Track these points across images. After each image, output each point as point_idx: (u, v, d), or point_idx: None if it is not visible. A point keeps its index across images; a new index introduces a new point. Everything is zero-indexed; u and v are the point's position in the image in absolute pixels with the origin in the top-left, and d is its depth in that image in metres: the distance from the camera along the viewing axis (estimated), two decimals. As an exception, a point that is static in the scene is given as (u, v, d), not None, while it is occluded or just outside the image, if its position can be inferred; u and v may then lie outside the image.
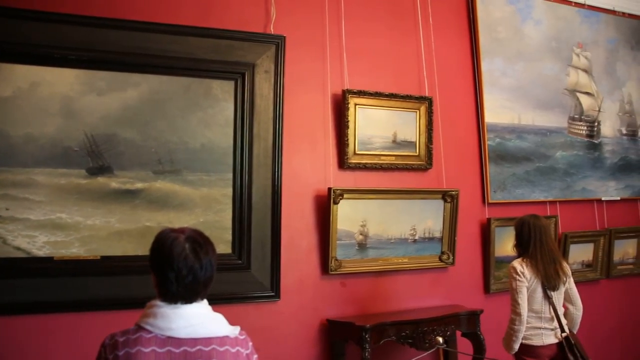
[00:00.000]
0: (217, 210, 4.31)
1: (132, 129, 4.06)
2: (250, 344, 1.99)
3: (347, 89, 4.78)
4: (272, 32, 4.56)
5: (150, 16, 4.16)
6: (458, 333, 4.92)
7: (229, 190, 4.34)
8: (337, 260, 4.67)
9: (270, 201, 4.44)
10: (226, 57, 4.34)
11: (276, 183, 4.45)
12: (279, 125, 4.47)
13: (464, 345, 4.95)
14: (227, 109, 4.36)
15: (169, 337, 1.82)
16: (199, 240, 1.96)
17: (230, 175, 4.35)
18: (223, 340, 1.89)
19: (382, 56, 5.17)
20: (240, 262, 4.35)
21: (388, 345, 4.62)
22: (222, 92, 4.36)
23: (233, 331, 1.95)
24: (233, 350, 1.89)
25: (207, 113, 4.29)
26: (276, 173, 4.45)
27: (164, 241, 1.92)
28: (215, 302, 4.09)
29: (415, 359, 4.56)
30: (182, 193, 4.21)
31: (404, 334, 4.45)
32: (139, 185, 4.07)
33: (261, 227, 4.41)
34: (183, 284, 1.88)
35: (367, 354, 4.21)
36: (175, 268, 1.86)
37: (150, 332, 1.82)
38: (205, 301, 1.97)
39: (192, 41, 4.23)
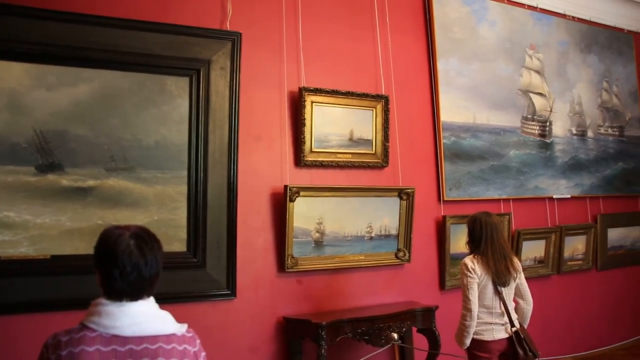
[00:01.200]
0: (172, 208, 4.25)
1: (83, 126, 3.96)
2: (198, 341, 1.95)
3: (303, 87, 4.78)
4: (228, 29, 4.52)
5: (105, 10, 4.06)
6: (414, 329, 4.98)
7: (184, 188, 4.29)
8: (293, 258, 4.66)
9: (226, 199, 4.40)
10: (181, 53, 4.28)
11: (232, 180, 4.41)
12: (234, 122, 4.44)
13: (420, 341, 5.02)
14: (182, 106, 4.30)
15: (114, 336, 1.78)
16: (144, 237, 1.90)
17: (185, 173, 4.29)
18: (170, 338, 1.85)
19: (339, 54, 5.19)
20: (195, 260, 4.30)
21: (344, 342, 4.64)
22: (177, 88, 4.30)
23: (180, 329, 1.90)
24: (180, 348, 1.85)
25: (162, 110, 4.23)
26: (232, 170, 4.42)
27: (108, 238, 1.87)
28: (170, 300, 4.08)
29: (370, 355, 4.58)
30: (135, 191, 4.13)
31: (360, 330, 4.47)
32: (90, 182, 3.98)
33: (217, 225, 4.37)
34: (128, 281, 1.82)
35: (323, 351, 4.22)
36: (119, 265, 1.81)
37: (94, 330, 1.77)
38: (151, 299, 1.91)
39: (147, 36, 4.15)
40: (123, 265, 1.82)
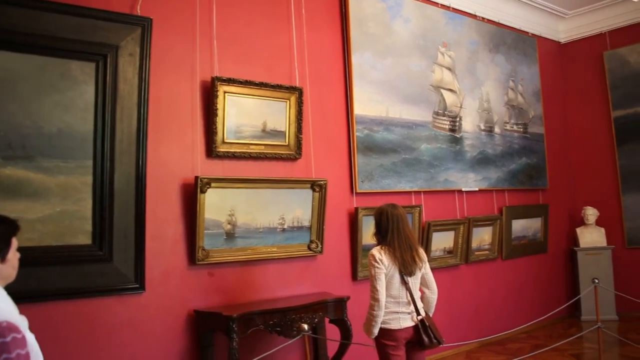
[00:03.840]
0: (76, 199, 4.07)
1: (-24, 111, 3.72)
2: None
3: (216, 77, 4.70)
4: (139, 14, 4.37)
5: (2, -12, 3.83)
6: (326, 319, 5.03)
7: (89, 178, 4.11)
8: (204, 250, 4.60)
9: (134, 189, 4.27)
10: (88, 37, 4.09)
11: (140, 171, 4.28)
12: (143, 111, 4.30)
13: (333, 332, 5.08)
14: (87, 92, 4.11)
15: None
16: None
17: (91, 163, 4.12)
18: None
19: (253, 44, 5.14)
20: (101, 253, 4.14)
21: (256, 334, 4.63)
22: (82, 74, 4.11)
23: None
24: None
25: (65, 96, 4.03)
26: (140, 160, 4.28)
27: None
28: (75, 296, 3.95)
29: (282, 346, 4.59)
30: (36, 181, 3.91)
31: (271, 322, 4.47)
32: (-16, 171, 3.74)
33: (124, 216, 4.23)
34: None
35: (234, 344, 4.19)
36: None
37: None
38: None
39: (50, 18, 3.93)
40: None
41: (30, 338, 1.90)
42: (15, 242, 2.00)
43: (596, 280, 5.96)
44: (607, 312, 7.78)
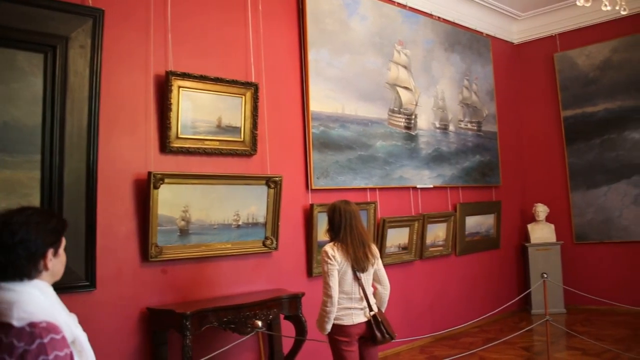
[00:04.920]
0: (23, 194, 3.93)
1: None
2: (40, 341, 1.70)
3: (170, 71, 4.63)
4: (90, 5, 4.26)
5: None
6: (281, 316, 5.03)
7: (37, 173, 3.99)
8: (157, 246, 4.53)
9: (85, 185, 4.17)
10: (36, 27, 3.95)
11: (91, 166, 4.18)
12: (95, 104, 4.20)
13: (289, 328, 5.08)
14: (35, 85, 3.99)
15: None
16: (7, 222, 1.80)
17: (39, 157, 4.00)
18: (5, 328, 1.72)
19: (209, 39, 5.09)
20: (50, 250, 4.03)
21: (211, 331, 4.60)
22: (30, 65, 3.98)
23: (21, 321, 1.72)
24: (6, 341, 1.69)
25: (11, 88, 3.89)
26: (91, 155, 4.18)
27: None
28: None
29: (236, 343, 4.57)
30: (-22, 175, 3.80)
31: (225, 319, 4.45)
32: None
33: (74, 212, 4.11)
34: None
35: (188, 341, 4.15)
36: None
37: None
38: (9, 284, 1.77)
39: (-6, 5, 3.80)
40: None
41: (81, 337, 1.85)
42: (64, 239, 1.96)
43: (545, 275, 6.13)
44: (555, 305, 8.03)
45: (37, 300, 1.74)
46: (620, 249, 8.29)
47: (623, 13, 5.24)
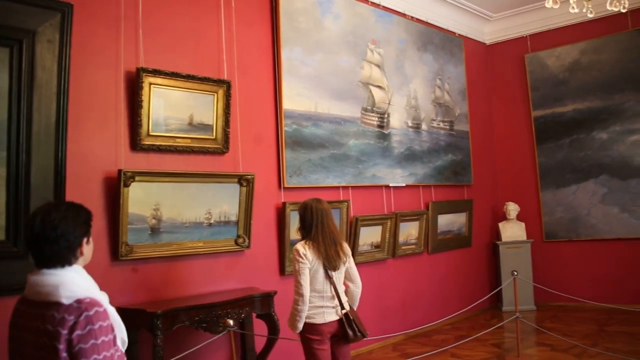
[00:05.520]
0: (-12, 191, 3.87)
1: None
2: (87, 313, 1.95)
3: (141, 67, 4.58)
4: (59, -1, 4.19)
5: None
6: (254, 315, 5.01)
7: (3, 170, 3.89)
8: (128, 245, 4.47)
9: (53, 182, 4.08)
10: (1, 20, 3.84)
11: (60, 163, 4.10)
12: (63, 100, 4.12)
13: (261, 327, 5.06)
14: (0, 79, 3.90)
15: (26, 299, 2.07)
16: (50, 214, 2.06)
17: (4, 154, 3.90)
18: (58, 306, 1.97)
19: (181, 35, 5.03)
20: (16, 249, 3.93)
21: (182, 331, 4.56)
22: (-5, 59, 3.90)
23: (69, 299, 1.98)
24: (58, 317, 1.94)
25: (-26, 82, 3.81)
26: (60, 152, 4.10)
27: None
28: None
29: (207, 342, 4.54)
30: (-60, 172, 3.70)
31: (197, 318, 4.41)
32: None
33: (41, 211, 4.05)
34: (32, 254, 2.07)
35: (159, 341, 4.11)
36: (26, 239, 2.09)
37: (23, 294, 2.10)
38: (57, 268, 2.04)
39: (-44, -3, 3.71)
40: (25, 235, 2.08)
41: (112, 311, 2.09)
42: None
43: (515, 273, 6.23)
44: (525, 302, 8.15)
45: (78, 281, 2.02)
46: (588, 247, 8.46)
47: (590, 16, 5.33)
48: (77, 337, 1.90)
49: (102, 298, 2.07)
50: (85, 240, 2.12)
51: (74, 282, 2.00)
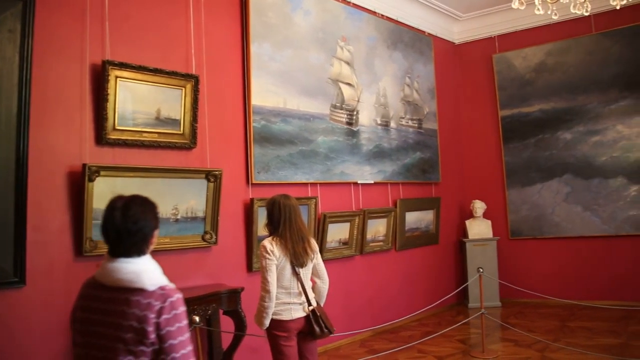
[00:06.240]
0: (-54, 185, 3.76)
1: None
2: (170, 299, 2.11)
3: (107, 60, 4.49)
4: (21, -12, 4.09)
5: None
6: (221, 311, 4.98)
7: (-39, 163, 3.81)
8: (92, 241, 4.39)
9: (14, 177, 3.99)
10: (-43, 8, 3.77)
11: (22, 157, 4.00)
12: (25, 92, 4.02)
13: (228, 323, 5.03)
14: (-42, 69, 3.80)
15: (100, 283, 2.20)
16: (129, 204, 2.22)
17: (-37, 147, 3.82)
18: (137, 292, 2.11)
19: (148, 28, 4.96)
20: (-25, 242, 3.85)
21: (147, 327, 4.49)
22: (-48, 48, 3.79)
23: (152, 286, 2.13)
24: (144, 302, 2.09)
25: None
26: (22, 146, 4.00)
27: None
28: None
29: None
30: None
31: (163, 315, 4.36)
32: None
33: (3, 205, 3.94)
34: (110, 242, 2.21)
35: (123, 338, 4.04)
36: (104, 228, 2.23)
37: (93, 277, 2.26)
38: (135, 257, 2.18)
39: None
40: (106, 228, 2.21)
41: None
42: None
43: (481, 270, 6.32)
44: (491, 299, 8.28)
45: (155, 269, 2.19)
46: (552, 245, 8.63)
47: (554, 18, 5.43)
48: (164, 320, 2.07)
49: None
50: (156, 232, 2.30)
51: (153, 270, 2.18)
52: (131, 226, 2.17)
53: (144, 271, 2.15)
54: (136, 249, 2.19)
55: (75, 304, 2.28)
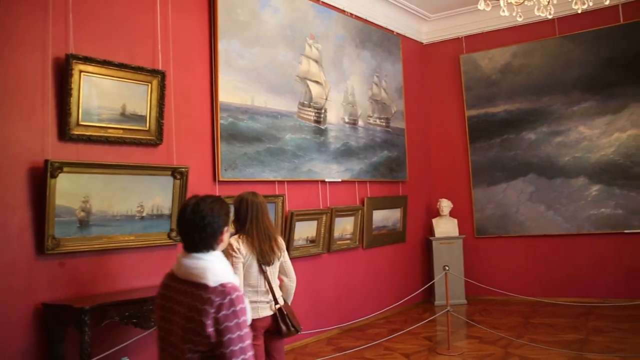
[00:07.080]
0: None
1: None
2: (229, 297, 2.21)
3: (71, 54, 4.40)
4: (-20, -21, 3.99)
5: None
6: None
7: None
8: (54, 239, 4.30)
9: (-28, 172, 3.90)
10: None
11: (-20, 152, 3.92)
12: (-16, 86, 3.94)
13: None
14: None
15: (175, 275, 2.37)
16: (199, 204, 2.35)
17: None
18: (201, 286, 2.24)
19: (114, 22, 4.88)
20: None
21: (112, 327, 4.43)
22: None
23: (215, 283, 2.24)
24: (205, 296, 2.21)
25: None
26: (-20, 140, 3.92)
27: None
28: None
29: (136, 338, 4.44)
30: None
31: (127, 314, 4.30)
32: None
33: (-41, 202, 3.85)
34: (183, 238, 2.37)
35: (86, 337, 3.99)
36: (178, 225, 2.42)
37: (171, 270, 2.44)
38: (205, 253, 2.31)
39: None
40: (179, 224, 2.38)
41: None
42: None
43: (447, 268, 6.39)
44: (457, 296, 8.39)
45: (221, 266, 2.31)
46: (516, 243, 8.79)
47: (519, 20, 5.52)
48: (223, 316, 2.17)
49: (237, 282, 2.37)
50: (226, 229, 2.40)
51: (218, 266, 2.29)
52: (199, 221, 2.29)
53: (209, 268, 2.26)
54: (204, 245, 2.31)
55: (158, 292, 2.46)
